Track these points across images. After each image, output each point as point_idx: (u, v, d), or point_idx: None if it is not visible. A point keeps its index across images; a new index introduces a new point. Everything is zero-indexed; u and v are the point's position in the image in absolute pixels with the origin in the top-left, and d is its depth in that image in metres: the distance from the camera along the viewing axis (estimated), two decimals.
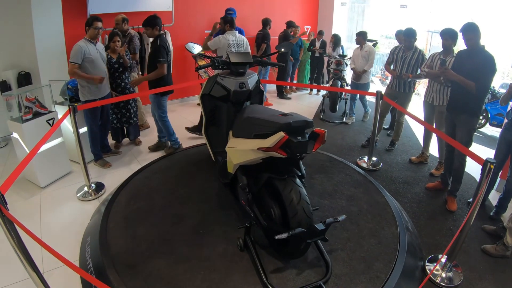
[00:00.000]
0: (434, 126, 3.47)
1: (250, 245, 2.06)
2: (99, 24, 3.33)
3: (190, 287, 1.91)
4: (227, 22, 4.16)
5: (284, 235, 1.73)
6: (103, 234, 2.36)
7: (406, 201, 3.10)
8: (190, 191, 2.83)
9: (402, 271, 2.04)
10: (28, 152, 3.04)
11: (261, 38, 6.11)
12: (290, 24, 6.40)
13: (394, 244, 2.24)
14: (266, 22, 6.13)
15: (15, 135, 3.08)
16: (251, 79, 2.54)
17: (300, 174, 1.95)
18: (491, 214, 2.83)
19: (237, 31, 4.28)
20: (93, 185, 3.24)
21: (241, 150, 2.00)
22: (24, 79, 3.88)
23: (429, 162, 3.83)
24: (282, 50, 2.92)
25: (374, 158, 3.84)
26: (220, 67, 2.60)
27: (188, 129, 4.60)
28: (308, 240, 1.81)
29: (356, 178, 3.11)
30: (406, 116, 3.94)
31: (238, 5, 6.15)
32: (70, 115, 2.88)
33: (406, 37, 3.65)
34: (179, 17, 5.72)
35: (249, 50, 4.31)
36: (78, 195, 3.14)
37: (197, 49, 2.75)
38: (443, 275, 2.17)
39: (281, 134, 1.69)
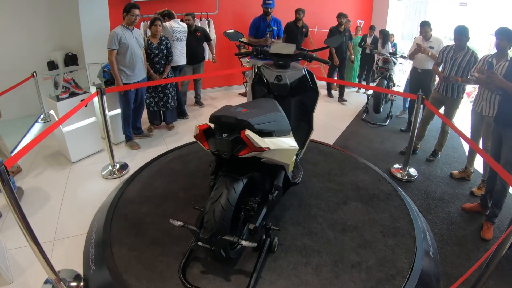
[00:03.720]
0: (481, 139, 3.02)
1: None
2: (137, 12, 3.44)
3: (140, 235, 2.20)
4: (165, 15, 4.46)
5: (177, 223, 1.80)
6: (110, 213, 2.46)
7: (436, 221, 2.75)
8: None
9: None
10: (61, 128, 3.30)
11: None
12: (339, 15, 5.80)
13: (405, 270, 1.95)
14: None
15: (52, 112, 3.35)
16: (292, 73, 2.35)
17: (243, 177, 1.76)
18: None
19: (179, 20, 4.50)
20: (117, 164, 3.40)
21: None
22: (70, 60, 4.21)
23: (472, 179, 3.35)
24: (329, 44, 2.54)
25: (410, 169, 3.48)
26: (259, 56, 2.50)
27: None
28: (196, 241, 1.75)
29: (400, 225, 2.35)
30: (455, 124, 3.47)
31: None
32: (98, 97, 3.04)
33: (457, 35, 3.19)
34: (223, 6, 5.72)
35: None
36: (102, 173, 3.32)
37: (237, 37, 2.62)
38: None
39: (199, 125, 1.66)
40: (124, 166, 3.43)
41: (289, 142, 1.93)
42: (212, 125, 1.75)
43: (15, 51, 4.42)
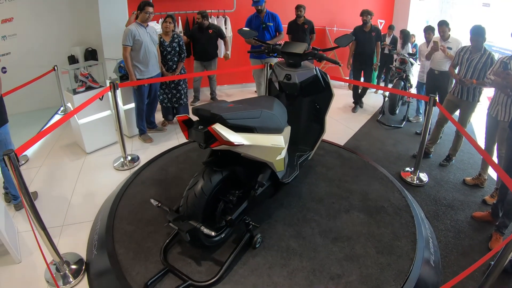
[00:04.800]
0: (496, 144, 2.89)
1: None
2: (150, 9, 3.52)
3: (140, 213, 2.37)
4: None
5: (155, 202, 1.96)
6: (115, 203, 2.56)
7: (442, 228, 2.65)
8: None
9: None
10: (77, 120, 3.45)
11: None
12: (362, 13, 5.23)
13: (400, 278, 1.88)
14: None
15: (69, 104, 3.51)
16: (302, 72, 2.35)
17: (220, 169, 1.83)
18: None
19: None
20: (128, 157, 3.51)
21: None
22: (90, 55, 4.38)
23: (486, 187, 3.20)
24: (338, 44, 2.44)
25: (421, 173, 3.38)
26: (271, 54, 2.51)
27: None
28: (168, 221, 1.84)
29: (400, 244, 2.15)
30: (472, 128, 3.33)
31: None
32: (111, 91, 3.15)
33: (473, 35, 3.04)
34: (240, 3, 5.73)
35: None
36: (114, 164, 3.45)
37: (251, 35, 2.66)
38: None
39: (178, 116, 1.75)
40: (135, 159, 3.54)
41: (273, 140, 1.92)
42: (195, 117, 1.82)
43: (38, 45, 4.66)
